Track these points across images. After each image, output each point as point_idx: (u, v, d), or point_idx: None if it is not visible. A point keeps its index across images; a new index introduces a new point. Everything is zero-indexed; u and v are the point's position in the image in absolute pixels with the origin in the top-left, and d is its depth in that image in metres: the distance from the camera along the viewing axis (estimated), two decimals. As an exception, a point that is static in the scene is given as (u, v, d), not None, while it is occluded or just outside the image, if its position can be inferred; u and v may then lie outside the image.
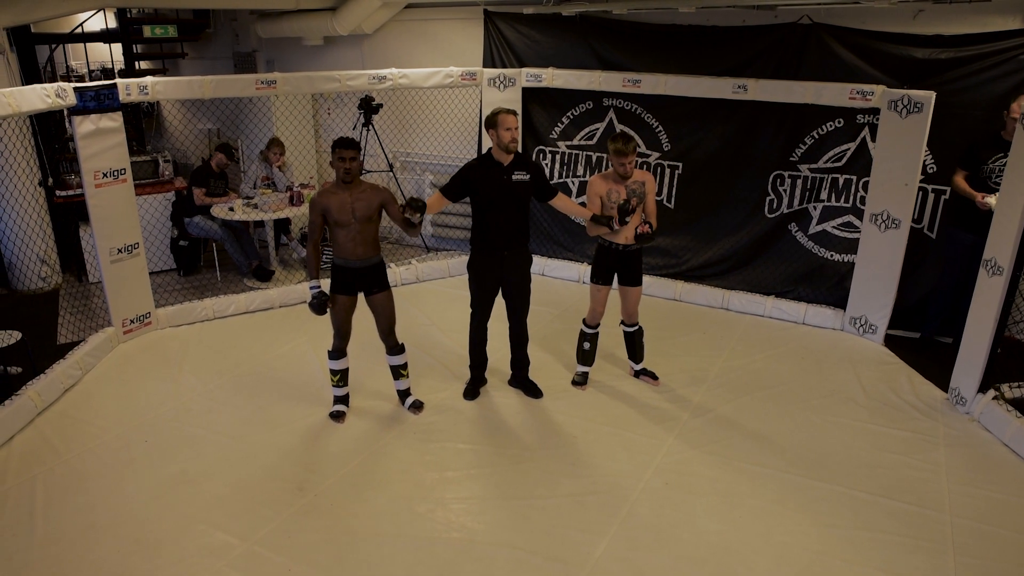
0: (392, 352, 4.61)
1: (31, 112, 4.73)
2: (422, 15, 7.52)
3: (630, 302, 4.87)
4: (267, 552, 3.47)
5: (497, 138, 4.34)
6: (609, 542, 3.54)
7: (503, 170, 4.39)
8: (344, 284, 4.36)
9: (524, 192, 4.45)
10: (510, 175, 4.39)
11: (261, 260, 7.03)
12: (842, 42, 5.66)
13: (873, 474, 4.07)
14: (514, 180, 4.39)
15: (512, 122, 4.32)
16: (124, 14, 8.44)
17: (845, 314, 5.89)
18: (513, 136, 4.33)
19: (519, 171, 4.41)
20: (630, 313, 4.91)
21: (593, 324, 4.93)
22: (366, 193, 4.25)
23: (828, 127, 5.87)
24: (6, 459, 4.17)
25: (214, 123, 8.70)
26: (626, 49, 6.48)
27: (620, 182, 4.57)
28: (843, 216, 5.98)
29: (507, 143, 4.32)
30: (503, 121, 4.30)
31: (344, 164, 4.17)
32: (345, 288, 4.37)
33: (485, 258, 4.54)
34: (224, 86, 5.81)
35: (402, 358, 4.63)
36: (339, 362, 4.56)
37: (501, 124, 4.31)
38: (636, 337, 5.00)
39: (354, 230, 4.23)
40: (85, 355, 5.17)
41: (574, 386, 5.00)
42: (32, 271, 6.65)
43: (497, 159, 4.40)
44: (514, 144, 4.36)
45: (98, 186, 5.26)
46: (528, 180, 4.44)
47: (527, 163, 4.50)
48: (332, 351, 4.54)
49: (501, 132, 4.31)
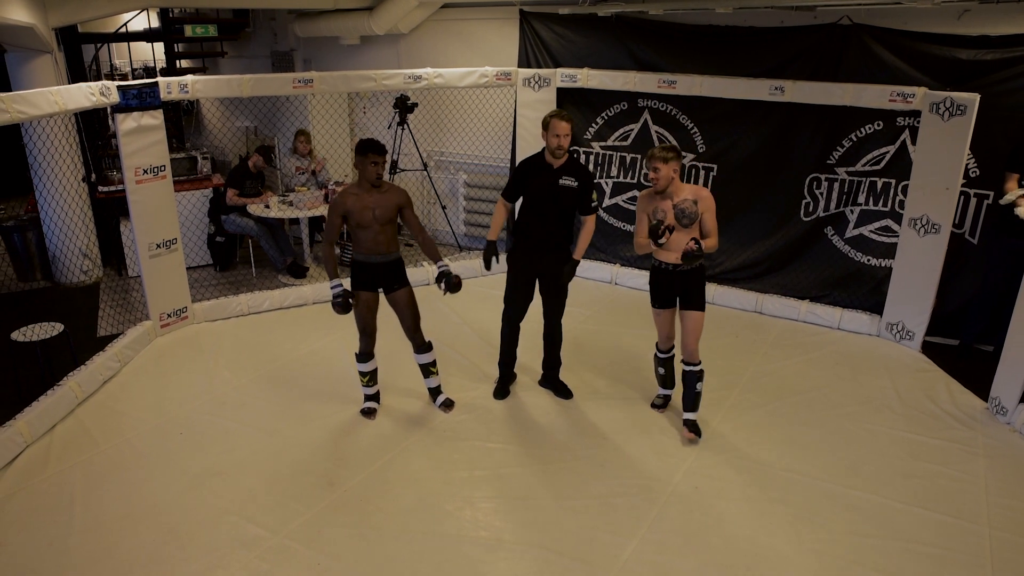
0: (420, 350, 4.60)
1: (77, 110, 4.85)
2: (458, 15, 7.55)
3: (686, 330, 4.32)
4: (297, 545, 3.51)
5: (546, 141, 4.38)
6: (637, 545, 3.53)
7: (552, 173, 4.40)
8: (365, 281, 4.38)
9: (569, 198, 4.42)
10: (557, 179, 4.39)
11: (296, 257, 7.12)
12: (883, 43, 5.55)
13: (908, 483, 3.99)
14: (561, 184, 4.39)
15: (563, 128, 4.30)
16: (166, 14, 8.62)
17: (881, 320, 5.78)
18: (560, 143, 4.31)
19: (567, 177, 4.40)
20: (686, 344, 4.34)
21: (663, 349, 4.62)
22: (387, 195, 4.27)
23: (867, 129, 5.76)
24: (48, 447, 4.29)
25: (251, 121, 8.84)
26: (662, 50, 6.44)
27: (665, 199, 4.18)
28: (881, 220, 5.87)
29: (553, 148, 4.34)
30: (554, 127, 4.30)
31: (376, 168, 4.18)
32: (366, 284, 4.37)
33: (523, 254, 4.58)
34: (262, 85, 5.90)
35: (430, 356, 4.63)
36: (367, 364, 4.58)
37: (551, 129, 4.32)
38: (690, 380, 4.37)
39: (374, 231, 4.26)
40: (124, 348, 5.29)
41: (653, 408, 4.74)
42: (74, 265, 6.82)
43: (548, 161, 4.42)
44: (560, 151, 4.35)
45: (139, 182, 5.37)
46: (575, 187, 4.40)
47: (579, 170, 4.45)
48: (360, 353, 4.55)
49: (550, 137, 4.33)
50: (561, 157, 4.39)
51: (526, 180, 4.49)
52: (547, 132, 4.34)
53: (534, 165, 4.49)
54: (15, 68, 6.14)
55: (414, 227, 4.40)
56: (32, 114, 4.42)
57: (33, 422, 4.33)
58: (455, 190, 8.03)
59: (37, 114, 4.47)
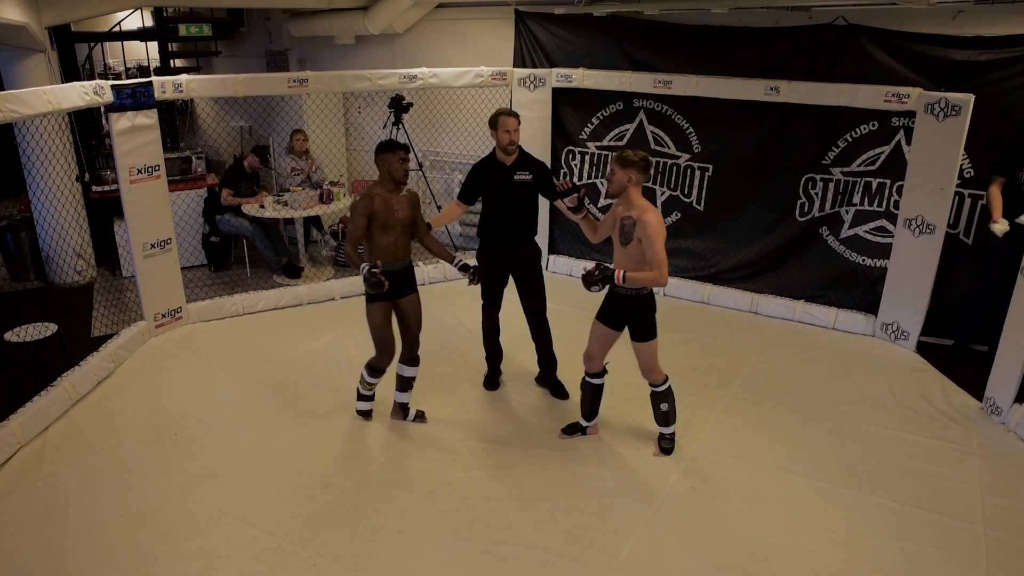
0: (412, 362, 4.42)
1: (70, 109, 4.83)
2: (453, 15, 7.54)
3: (637, 357, 4.07)
4: (293, 547, 3.50)
5: (497, 138, 4.48)
6: (634, 545, 3.53)
7: (506, 170, 4.52)
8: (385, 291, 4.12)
9: (527, 191, 4.55)
10: (512, 175, 4.51)
11: (290, 257, 7.10)
12: (878, 44, 5.56)
13: (904, 483, 4.00)
14: (516, 180, 4.51)
15: (512, 124, 4.43)
16: (160, 13, 8.59)
17: (876, 320, 5.79)
18: (512, 139, 4.44)
19: (521, 172, 4.53)
20: (640, 369, 4.11)
21: (587, 370, 4.22)
22: (405, 196, 4.20)
23: (862, 130, 5.77)
24: (42, 448, 4.26)
25: (246, 121, 8.81)
26: (657, 50, 6.44)
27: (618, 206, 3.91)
28: (876, 220, 5.89)
29: (504, 144, 4.45)
30: (503, 123, 4.42)
31: (405, 164, 4.09)
32: (386, 294, 4.11)
33: (491, 251, 4.65)
34: (257, 84, 5.88)
35: (417, 370, 4.48)
36: (378, 378, 4.41)
37: (501, 126, 4.43)
38: (652, 400, 4.18)
39: (396, 233, 4.13)
40: (118, 348, 5.26)
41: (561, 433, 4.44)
42: (68, 265, 6.79)
43: (500, 159, 4.54)
44: (512, 146, 4.47)
45: (133, 182, 5.35)
46: (531, 179, 4.54)
47: (531, 163, 4.58)
48: (374, 368, 4.31)
49: (500, 134, 4.44)
50: (513, 153, 4.50)
51: (482, 181, 4.59)
52: (497, 130, 4.44)
53: (488, 165, 4.58)
54: (8, 67, 6.10)
55: (423, 229, 4.33)
56: (25, 113, 4.39)
57: (27, 423, 4.31)
58: (450, 190, 8.02)
59: (30, 113, 4.44)
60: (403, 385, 4.50)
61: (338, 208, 7.03)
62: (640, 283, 3.80)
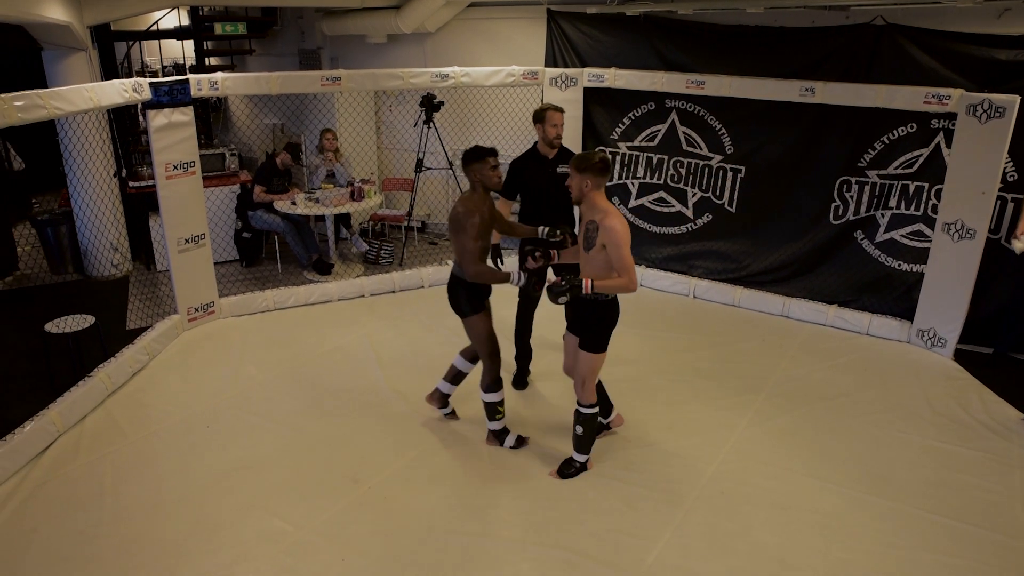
0: (475, 360, 4.37)
1: (110, 106, 4.91)
2: (485, 14, 7.54)
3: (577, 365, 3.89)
4: (321, 541, 3.53)
5: (543, 132, 4.63)
6: (662, 549, 3.50)
7: (548, 163, 4.67)
8: (485, 299, 4.08)
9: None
10: (554, 168, 4.65)
11: (321, 254, 7.16)
12: (918, 44, 5.46)
13: (940, 494, 3.92)
14: (558, 172, 4.63)
15: (559, 119, 4.61)
16: (196, 12, 8.71)
17: (912, 326, 5.68)
18: (558, 132, 4.62)
19: (564, 164, 4.58)
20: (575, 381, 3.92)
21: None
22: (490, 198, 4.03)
23: (900, 132, 5.67)
24: (79, 437, 4.35)
25: (278, 118, 8.90)
26: (690, 50, 6.39)
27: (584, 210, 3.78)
28: (913, 224, 5.78)
29: (551, 138, 4.62)
30: (550, 118, 4.59)
31: (497, 171, 3.91)
32: (484, 302, 4.05)
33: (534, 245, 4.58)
34: (290, 82, 5.93)
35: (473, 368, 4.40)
36: (503, 392, 4.19)
37: (548, 120, 4.60)
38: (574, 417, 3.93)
39: (488, 240, 3.98)
40: (152, 341, 5.35)
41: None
42: (105, 259, 6.91)
43: (542, 153, 4.69)
44: (558, 140, 4.65)
45: (168, 178, 5.43)
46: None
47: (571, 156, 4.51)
48: (495, 381, 4.10)
49: (547, 128, 4.61)
50: (556, 147, 4.68)
51: (523, 176, 4.68)
52: (543, 124, 4.61)
53: (530, 159, 4.71)
54: (51, 66, 6.23)
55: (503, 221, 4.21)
56: (68, 110, 4.48)
57: (65, 412, 4.40)
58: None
59: (72, 110, 4.53)
60: (456, 379, 4.44)
61: (368, 206, 7.07)
62: (610, 290, 3.63)
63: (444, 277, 6.77)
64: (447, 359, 5.27)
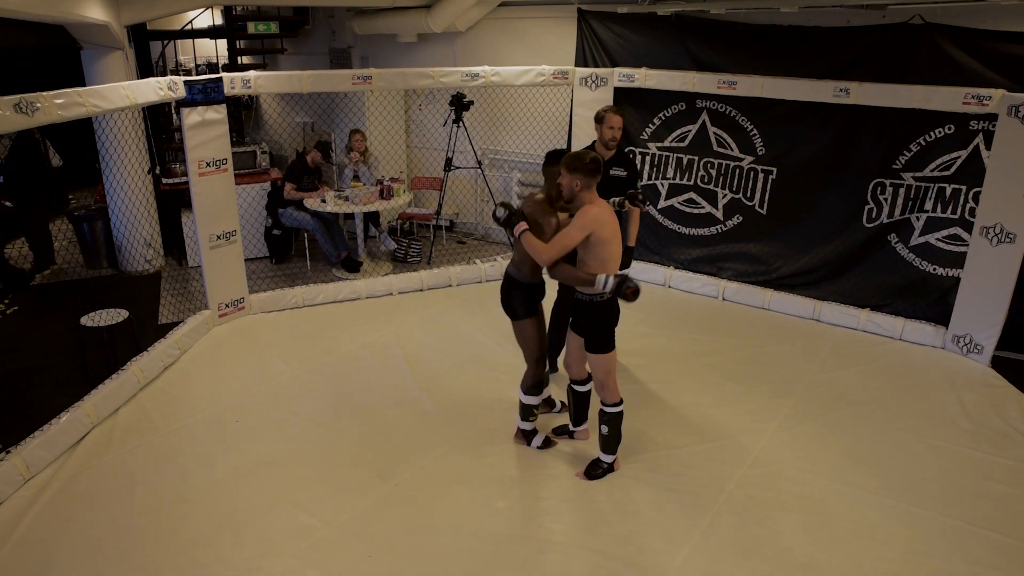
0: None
1: (145, 104, 5.00)
2: (515, 13, 7.54)
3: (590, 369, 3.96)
4: (348, 537, 3.55)
5: (600, 133, 4.70)
6: (689, 552, 3.46)
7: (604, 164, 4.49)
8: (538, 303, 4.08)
9: (620, 187, 4.67)
10: (608, 170, 4.65)
11: (350, 251, 7.21)
12: (957, 43, 5.35)
13: (977, 504, 3.83)
14: (612, 175, 4.68)
15: (617, 122, 4.68)
16: (230, 11, 8.82)
17: (947, 331, 5.57)
18: (614, 135, 4.68)
19: (617, 167, 4.74)
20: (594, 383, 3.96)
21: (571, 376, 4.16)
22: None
23: (937, 133, 5.56)
24: (112, 429, 4.42)
25: (309, 117, 8.98)
26: (722, 50, 6.33)
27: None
28: (949, 228, 5.66)
29: (607, 140, 4.68)
30: (608, 119, 4.66)
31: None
32: (536, 307, 4.05)
33: None
34: (322, 81, 5.98)
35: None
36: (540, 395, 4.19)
37: (606, 121, 4.67)
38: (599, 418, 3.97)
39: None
40: (183, 336, 5.42)
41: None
42: (139, 254, 7.03)
43: (599, 153, 4.67)
44: (613, 142, 4.70)
45: (201, 175, 5.50)
46: (625, 176, 4.75)
47: (626, 161, 4.83)
48: (535, 385, 4.10)
49: (604, 129, 4.68)
50: (612, 149, 4.73)
51: None
52: (602, 125, 4.68)
53: None
54: (89, 64, 6.35)
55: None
56: (105, 107, 4.56)
57: (99, 404, 4.48)
58: (508, 188, 8.03)
59: (110, 107, 4.61)
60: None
61: (397, 204, 7.10)
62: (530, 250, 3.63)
63: (472, 276, 6.83)
64: (475, 358, 5.31)
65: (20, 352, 5.39)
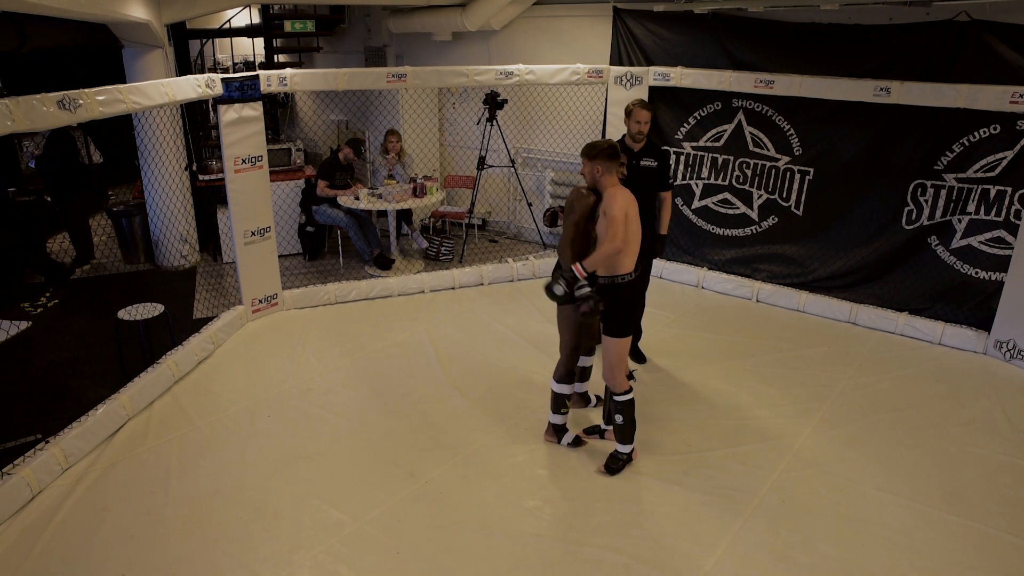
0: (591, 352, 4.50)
1: (184, 101, 5.07)
2: (550, 12, 7.51)
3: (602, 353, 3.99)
4: (377, 533, 3.56)
5: (628, 127, 4.84)
6: (720, 556, 3.42)
7: (633, 156, 4.81)
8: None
9: (651, 178, 4.85)
10: (639, 161, 4.81)
11: (382, 249, 7.25)
12: (1007, 41, 5.19)
13: (1018, 514, 3.72)
14: (642, 166, 4.82)
15: (643, 116, 4.79)
16: (267, 10, 8.93)
17: (989, 337, 5.43)
18: (640, 129, 4.79)
19: (648, 158, 4.85)
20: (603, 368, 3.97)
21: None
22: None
23: (981, 133, 5.41)
24: (147, 421, 4.50)
25: (343, 115, 9.06)
26: (759, 48, 6.23)
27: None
28: (993, 231, 5.51)
29: (634, 133, 4.81)
30: (636, 114, 4.79)
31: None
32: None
33: None
34: (357, 79, 6.02)
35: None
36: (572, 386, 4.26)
37: (633, 116, 4.80)
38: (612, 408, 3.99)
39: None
40: (217, 330, 5.49)
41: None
42: (175, 249, 7.14)
43: (628, 146, 4.83)
44: (640, 135, 4.81)
45: (237, 171, 5.57)
46: (655, 167, 4.87)
47: (656, 151, 4.92)
48: (568, 374, 4.17)
49: (631, 123, 4.82)
50: (640, 141, 4.84)
51: None
52: (629, 119, 4.81)
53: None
54: (130, 63, 6.47)
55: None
56: (145, 104, 4.63)
57: (135, 397, 4.56)
58: (541, 187, 8.01)
59: (149, 104, 4.68)
60: (583, 375, 4.58)
61: (430, 202, 7.12)
62: (599, 262, 3.71)
63: (504, 275, 6.84)
64: (506, 356, 5.31)
65: (60, 344, 5.51)
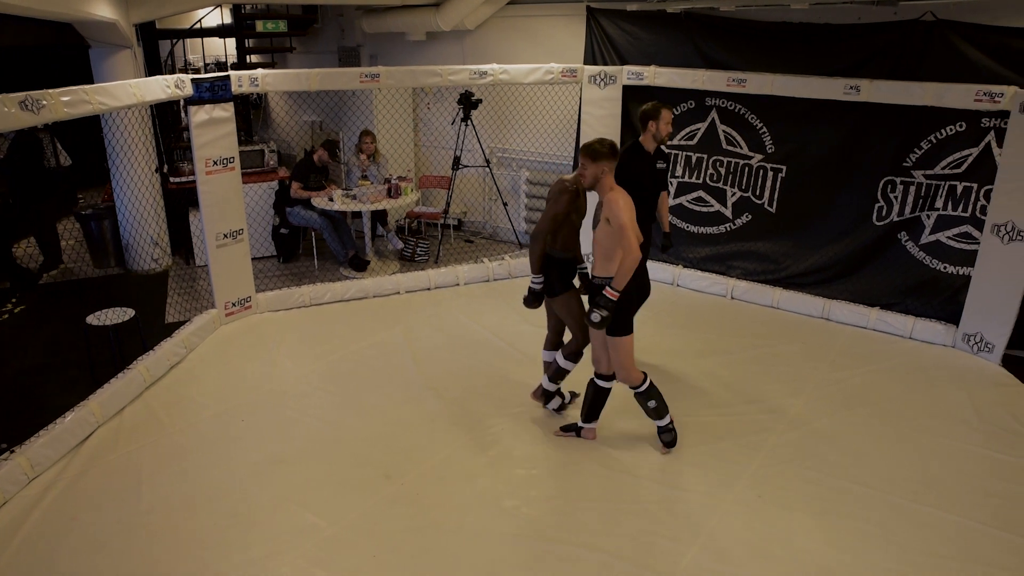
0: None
1: (153, 101, 4.99)
2: (524, 11, 7.52)
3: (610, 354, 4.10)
4: (354, 537, 3.53)
5: (655, 129, 4.66)
6: (697, 552, 3.43)
7: (650, 158, 4.78)
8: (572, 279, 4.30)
9: (664, 178, 4.97)
10: (655, 163, 4.81)
11: (357, 250, 7.20)
12: (970, 40, 5.29)
13: (989, 503, 3.79)
14: (658, 168, 4.85)
15: (670, 117, 4.70)
16: (239, 10, 8.84)
17: (958, 330, 5.52)
18: (670, 131, 4.71)
19: (661, 160, 4.87)
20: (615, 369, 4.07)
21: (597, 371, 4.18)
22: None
23: (948, 131, 5.50)
24: (117, 429, 4.42)
25: (317, 115, 8.99)
26: (732, 47, 6.28)
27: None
28: (960, 226, 5.60)
29: (663, 136, 4.69)
30: (665, 116, 4.65)
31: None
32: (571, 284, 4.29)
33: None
34: (330, 79, 5.97)
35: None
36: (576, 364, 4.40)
37: (663, 118, 4.64)
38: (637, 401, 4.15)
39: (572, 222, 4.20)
40: (190, 334, 5.41)
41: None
42: (146, 253, 7.04)
43: (646, 148, 4.73)
44: (669, 138, 4.81)
45: (208, 173, 5.49)
46: (666, 168, 4.97)
47: (663, 154, 4.94)
48: (575, 353, 4.33)
49: (661, 125, 4.65)
50: (663, 144, 4.81)
51: (630, 169, 4.55)
52: (657, 121, 4.62)
53: (634, 154, 4.72)
54: (97, 63, 6.37)
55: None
56: (112, 105, 4.55)
57: (105, 403, 4.47)
58: (516, 187, 8.01)
59: (117, 105, 4.60)
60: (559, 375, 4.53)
61: (405, 203, 7.09)
62: (624, 276, 3.73)
63: (479, 275, 6.82)
64: (482, 357, 5.29)
65: (27, 351, 5.41)
